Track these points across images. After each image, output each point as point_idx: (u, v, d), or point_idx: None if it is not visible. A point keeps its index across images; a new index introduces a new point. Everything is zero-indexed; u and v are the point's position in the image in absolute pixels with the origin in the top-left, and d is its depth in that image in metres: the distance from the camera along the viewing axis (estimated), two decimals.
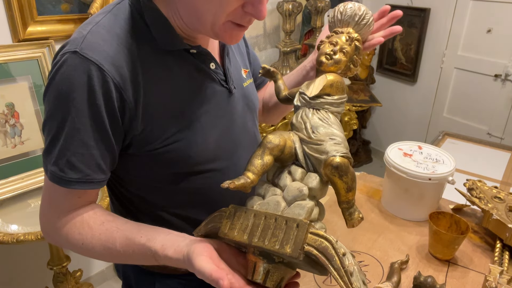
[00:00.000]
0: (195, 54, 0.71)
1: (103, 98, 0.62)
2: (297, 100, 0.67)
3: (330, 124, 0.62)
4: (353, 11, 0.71)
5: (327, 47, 0.68)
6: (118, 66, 0.62)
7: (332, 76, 0.66)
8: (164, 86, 0.68)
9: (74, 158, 0.64)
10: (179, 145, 0.70)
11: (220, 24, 0.63)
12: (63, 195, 0.67)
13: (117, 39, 0.64)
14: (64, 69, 0.61)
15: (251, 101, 0.86)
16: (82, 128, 0.62)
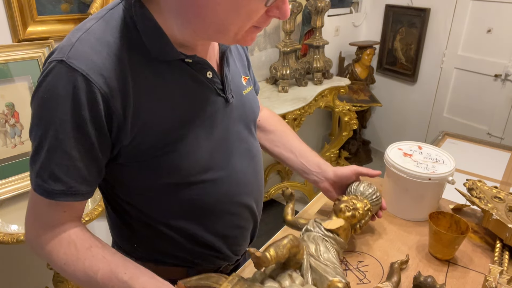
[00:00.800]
0: (190, 63, 0.69)
1: (89, 109, 0.60)
2: (311, 226, 0.82)
3: (334, 257, 0.75)
4: (371, 192, 0.91)
5: (349, 201, 0.85)
6: (106, 77, 0.60)
7: (346, 224, 0.82)
8: (156, 97, 0.66)
9: (57, 170, 0.62)
10: (169, 157, 0.68)
11: (244, 32, 0.63)
12: (48, 206, 0.65)
13: (107, 47, 0.62)
14: (50, 78, 0.60)
15: (251, 109, 0.84)
16: (66, 139, 0.61)
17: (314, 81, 2.55)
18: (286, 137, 1.03)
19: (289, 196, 0.94)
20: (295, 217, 0.92)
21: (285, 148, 1.01)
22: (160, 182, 0.72)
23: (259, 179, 0.88)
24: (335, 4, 2.96)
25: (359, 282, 0.83)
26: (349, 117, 2.72)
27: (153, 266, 0.79)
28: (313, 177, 0.99)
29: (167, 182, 0.72)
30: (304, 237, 0.80)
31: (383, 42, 3.22)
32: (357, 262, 0.88)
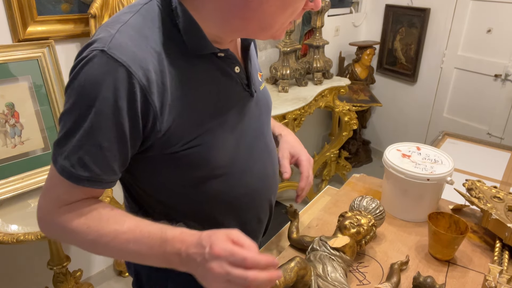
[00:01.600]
0: (222, 58, 0.71)
1: (127, 100, 0.60)
2: (317, 244, 0.83)
3: (341, 276, 0.76)
4: (374, 207, 0.92)
5: (353, 217, 0.86)
6: (145, 69, 0.61)
7: (352, 241, 0.82)
8: (190, 90, 0.67)
9: (86, 157, 0.62)
10: (199, 149, 0.69)
11: (283, 27, 0.67)
12: (69, 189, 0.65)
13: (145, 40, 0.62)
14: (89, 67, 0.59)
15: (267, 104, 0.87)
16: (100, 128, 0.60)
17: (314, 81, 2.55)
18: None
19: (293, 213, 0.94)
20: (300, 235, 0.92)
21: None
22: (187, 175, 0.72)
23: (276, 173, 0.90)
24: (335, 4, 2.96)
25: (359, 283, 0.83)
26: (349, 117, 2.72)
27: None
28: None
29: (193, 175, 0.72)
30: (310, 256, 0.80)
31: (383, 42, 3.22)
32: (357, 263, 0.88)
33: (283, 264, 0.69)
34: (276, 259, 0.56)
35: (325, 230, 0.99)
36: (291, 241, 0.93)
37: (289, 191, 2.94)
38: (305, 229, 1.00)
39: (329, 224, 1.02)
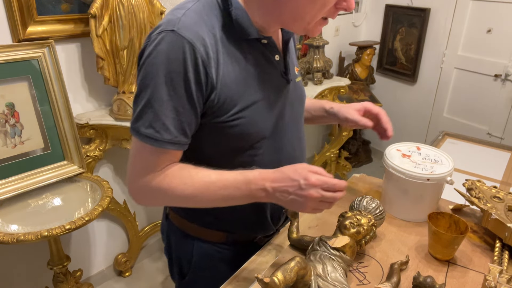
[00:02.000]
0: (265, 45, 0.82)
1: (194, 72, 0.73)
2: (317, 244, 0.82)
3: (341, 276, 0.76)
4: (374, 206, 0.92)
5: (353, 217, 0.86)
6: (205, 46, 0.73)
7: (352, 241, 0.82)
8: (238, 68, 0.79)
9: (168, 122, 0.74)
10: (242, 121, 0.80)
11: (314, 22, 0.76)
12: (155, 154, 0.76)
13: (204, 24, 0.75)
14: (162, 45, 0.72)
15: (301, 95, 0.97)
16: (175, 97, 0.73)
17: (314, 81, 2.55)
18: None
19: (293, 214, 0.94)
20: (300, 235, 0.92)
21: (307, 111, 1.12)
22: (227, 145, 0.83)
23: (304, 158, 1.00)
24: None
25: (359, 283, 0.83)
26: None
27: (197, 227, 0.95)
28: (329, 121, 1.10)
29: (232, 146, 0.84)
30: (310, 256, 0.80)
31: (383, 42, 3.22)
32: (357, 263, 0.88)
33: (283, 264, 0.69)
34: (345, 183, 0.75)
35: (325, 230, 0.99)
36: (291, 241, 0.93)
37: None
38: (305, 229, 1.00)
39: (329, 224, 1.02)
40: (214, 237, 0.95)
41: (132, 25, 1.62)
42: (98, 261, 2.13)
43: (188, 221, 0.96)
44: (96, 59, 1.68)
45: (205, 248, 0.97)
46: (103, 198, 1.52)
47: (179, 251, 1.01)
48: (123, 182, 2.09)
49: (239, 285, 0.84)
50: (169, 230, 1.03)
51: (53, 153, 1.59)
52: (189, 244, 0.97)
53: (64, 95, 1.58)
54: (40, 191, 1.55)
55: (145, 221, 2.29)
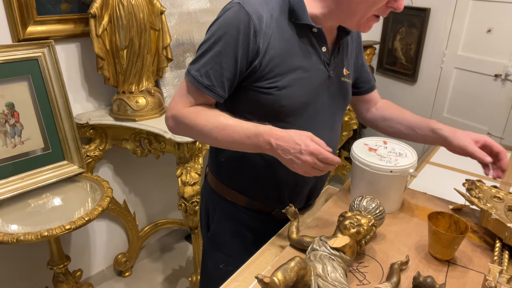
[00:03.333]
0: (315, 34, 0.93)
1: (244, 37, 0.87)
2: (317, 244, 0.83)
3: (341, 276, 0.76)
4: (374, 206, 0.92)
5: (353, 217, 0.86)
6: (260, 20, 0.88)
7: (352, 241, 0.83)
8: (284, 46, 0.91)
9: (211, 71, 0.90)
10: (277, 92, 0.92)
11: (366, 18, 0.86)
12: (195, 93, 0.93)
13: (266, 4, 0.90)
14: (228, 12, 0.89)
15: (343, 94, 1.05)
16: (224, 54, 0.88)
17: None
18: (401, 117, 1.17)
19: (293, 213, 0.94)
20: (300, 235, 0.92)
21: (403, 127, 1.15)
22: (259, 110, 0.94)
23: (333, 148, 1.04)
24: None
25: (359, 283, 0.83)
26: (349, 117, 2.71)
27: (225, 187, 1.10)
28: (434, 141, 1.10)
29: (264, 113, 0.94)
30: (310, 256, 0.80)
31: (383, 42, 3.22)
32: (357, 263, 0.88)
33: (283, 264, 0.69)
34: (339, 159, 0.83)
35: (325, 230, 0.99)
36: (291, 241, 0.93)
37: None
38: (305, 229, 1.00)
39: (329, 224, 1.02)
40: (237, 199, 1.08)
41: (132, 25, 1.62)
42: (98, 261, 2.13)
43: (218, 181, 1.11)
44: (96, 59, 1.68)
45: (227, 206, 1.10)
46: (103, 198, 1.52)
47: (208, 205, 1.17)
48: (123, 182, 2.09)
49: (239, 285, 0.84)
50: (204, 187, 1.20)
51: (53, 153, 1.59)
52: (216, 201, 1.12)
53: (64, 95, 1.58)
54: (40, 191, 1.55)
55: (145, 221, 2.29)
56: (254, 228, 1.10)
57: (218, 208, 1.13)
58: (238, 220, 1.10)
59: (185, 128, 0.95)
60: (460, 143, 1.02)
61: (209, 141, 0.97)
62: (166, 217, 2.36)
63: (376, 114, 1.25)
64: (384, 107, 1.24)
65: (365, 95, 1.23)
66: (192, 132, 0.95)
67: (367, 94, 1.23)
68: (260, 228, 1.08)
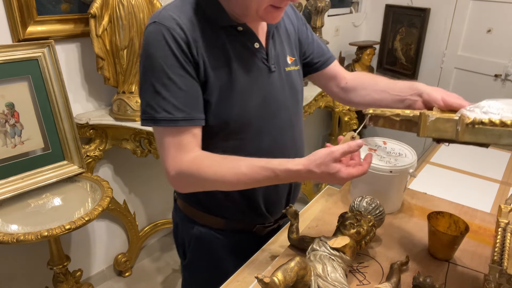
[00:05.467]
0: (242, 32, 0.87)
1: (180, 52, 0.80)
2: (317, 245, 0.82)
3: (341, 276, 0.76)
4: (374, 207, 0.92)
5: (353, 218, 0.86)
6: (183, 30, 0.81)
7: (352, 241, 0.83)
8: (217, 54, 0.85)
9: (177, 101, 0.80)
10: (224, 103, 0.85)
11: (262, 9, 0.80)
12: (177, 135, 0.82)
13: (183, 13, 0.83)
14: (148, 37, 0.82)
15: (292, 84, 0.98)
16: (175, 76, 0.80)
17: None
18: (374, 83, 1.05)
19: (293, 213, 0.94)
20: (300, 235, 0.92)
21: (376, 92, 1.04)
22: (210, 126, 0.86)
23: (297, 148, 1.03)
24: (335, 4, 2.96)
25: (359, 283, 0.83)
26: (349, 117, 2.72)
27: (197, 211, 1.01)
28: (408, 101, 0.99)
29: (215, 128, 0.87)
30: (310, 256, 0.80)
31: (383, 42, 3.22)
32: (357, 263, 0.88)
33: (283, 264, 0.69)
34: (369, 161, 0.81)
35: (325, 230, 0.99)
36: (291, 242, 0.93)
37: None
38: (305, 229, 1.00)
39: (329, 224, 1.02)
40: (213, 222, 1.00)
41: (132, 25, 1.62)
42: (98, 261, 2.13)
43: (189, 205, 1.02)
44: (96, 59, 1.68)
45: (203, 232, 1.02)
46: (103, 198, 1.52)
47: (183, 233, 1.08)
48: (123, 182, 2.09)
49: (239, 285, 0.84)
50: (175, 213, 1.10)
51: (53, 153, 1.59)
52: (190, 227, 1.03)
53: (64, 95, 1.58)
54: (40, 191, 1.55)
55: (145, 221, 2.29)
56: (235, 250, 1.02)
57: (194, 235, 1.03)
58: (217, 245, 1.02)
59: (195, 184, 0.85)
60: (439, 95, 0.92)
61: (225, 189, 0.91)
62: (166, 217, 2.36)
63: (347, 87, 1.11)
64: (354, 78, 1.11)
65: (325, 69, 1.10)
66: (204, 186, 0.86)
67: (327, 68, 1.10)
68: (242, 249, 0.98)
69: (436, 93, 0.93)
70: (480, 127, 0.66)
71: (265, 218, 1.01)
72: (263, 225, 1.03)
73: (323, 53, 1.10)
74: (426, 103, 0.95)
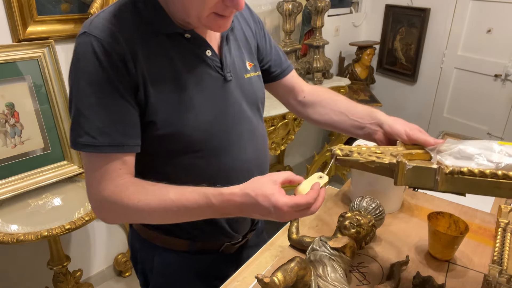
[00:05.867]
0: (190, 40, 0.78)
1: (112, 68, 0.69)
2: (317, 245, 0.82)
3: (341, 276, 0.76)
4: (374, 207, 0.91)
5: (353, 218, 0.85)
6: (118, 42, 0.70)
7: (352, 241, 0.82)
8: (162, 65, 0.75)
9: (102, 124, 0.70)
10: (174, 121, 0.75)
11: (204, 16, 0.70)
12: (102, 162, 0.72)
13: (119, 21, 0.72)
14: (76, 51, 0.72)
15: (252, 92, 0.90)
16: (104, 96, 0.70)
17: (314, 81, 2.55)
18: (333, 103, 1.00)
19: None
20: (300, 235, 0.92)
21: (334, 113, 0.98)
22: (164, 146, 0.78)
23: (261, 159, 0.93)
24: (335, 4, 2.95)
25: (359, 283, 0.83)
26: None
27: (158, 235, 0.91)
28: (367, 130, 0.93)
29: (169, 148, 0.79)
30: (310, 256, 0.80)
31: (383, 42, 3.22)
32: (357, 263, 0.88)
33: (283, 264, 0.69)
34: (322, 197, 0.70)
35: (325, 230, 0.99)
36: (291, 242, 0.93)
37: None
38: (305, 229, 1.00)
39: (329, 224, 1.02)
40: (176, 245, 0.91)
41: None
42: (98, 261, 2.13)
43: (149, 229, 0.91)
44: None
45: (167, 257, 0.92)
46: None
47: (143, 259, 0.97)
48: None
49: (239, 285, 0.84)
50: (133, 237, 0.99)
51: (53, 153, 1.59)
52: (151, 253, 0.93)
53: (64, 95, 1.58)
54: (40, 191, 1.55)
55: None
56: (203, 272, 0.95)
57: (156, 261, 0.94)
58: (183, 269, 0.94)
59: (119, 214, 0.75)
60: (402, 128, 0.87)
61: (151, 223, 0.84)
62: None
63: (305, 102, 1.03)
64: (312, 92, 1.04)
65: (282, 79, 1.03)
66: (129, 217, 0.77)
67: (284, 78, 1.03)
68: (210, 271, 0.94)
69: (398, 125, 0.87)
70: (459, 177, 0.65)
71: (232, 236, 0.94)
72: (231, 243, 0.96)
73: (281, 62, 1.02)
74: (387, 135, 0.89)
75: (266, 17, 2.42)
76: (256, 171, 0.89)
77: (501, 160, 0.63)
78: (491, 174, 0.62)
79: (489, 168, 0.63)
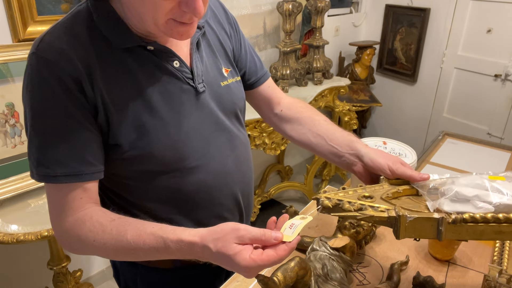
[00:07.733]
0: (154, 52, 0.71)
1: (66, 92, 0.64)
2: (317, 245, 0.82)
3: (341, 276, 0.76)
4: None
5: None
6: (72, 62, 0.64)
7: (351, 241, 0.82)
8: (124, 83, 0.69)
9: (56, 154, 0.65)
10: (142, 142, 0.70)
11: (162, 23, 0.64)
12: (60, 193, 0.67)
13: (75, 38, 0.66)
14: (26, 73, 0.66)
15: (230, 100, 0.83)
16: (57, 124, 0.65)
17: (314, 81, 2.55)
18: (312, 123, 0.93)
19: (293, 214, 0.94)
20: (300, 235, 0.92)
21: (312, 134, 0.92)
22: (136, 170, 0.73)
23: (244, 170, 0.87)
24: (335, 4, 2.96)
25: (359, 283, 0.83)
26: (349, 117, 2.72)
27: None
28: (345, 160, 0.87)
29: (142, 170, 0.73)
30: (310, 256, 0.80)
31: (383, 42, 3.22)
32: (357, 263, 0.88)
33: (283, 264, 0.69)
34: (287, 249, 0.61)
35: (325, 230, 0.99)
36: None
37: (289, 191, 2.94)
38: (305, 229, 1.00)
39: (329, 224, 1.02)
40: (160, 263, 0.83)
41: None
42: (98, 261, 2.13)
43: None
44: None
45: (150, 275, 0.88)
46: None
47: (126, 279, 0.93)
48: None
49: (239, 285, 0.84)
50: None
51: None
52: (134, 271, 0.89)
53: None
54: (40, 191, 1.55)
55: None
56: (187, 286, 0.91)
57: (139, 280, 0.89)
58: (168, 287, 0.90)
59: (81, 246, 0.69)
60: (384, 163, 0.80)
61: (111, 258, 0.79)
62: None
63: (282, 116, 0.97)
64: (290, 107, 0.97)
65: (257, 89, 0.96)
66: (90, 250, 0.70)
67: (258, 88, 0.96)
68: (199, 285, 0.90)
69: (380, 159, 0.81)
70: (462, 224, 0.63)
71: None
72: None
73: (256, 69, 0.95)
74: (368, 168, 0.83)
75: (266, 17, 2.42)
76: (240, 184, 0.86)
77: (496, 200, 0.63)
78: (493, 219, 0.63)
79: (489, 212, 0.63)
